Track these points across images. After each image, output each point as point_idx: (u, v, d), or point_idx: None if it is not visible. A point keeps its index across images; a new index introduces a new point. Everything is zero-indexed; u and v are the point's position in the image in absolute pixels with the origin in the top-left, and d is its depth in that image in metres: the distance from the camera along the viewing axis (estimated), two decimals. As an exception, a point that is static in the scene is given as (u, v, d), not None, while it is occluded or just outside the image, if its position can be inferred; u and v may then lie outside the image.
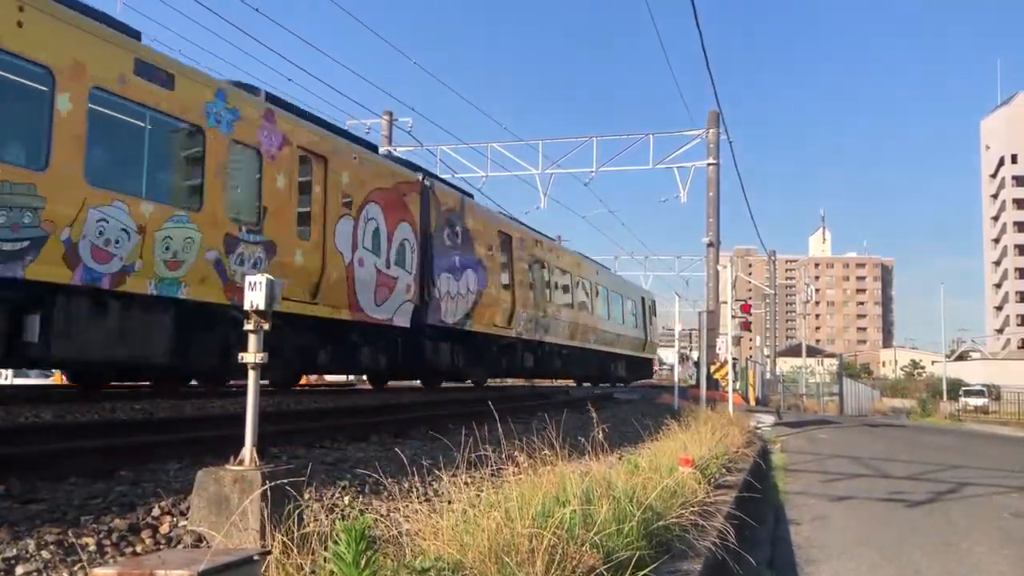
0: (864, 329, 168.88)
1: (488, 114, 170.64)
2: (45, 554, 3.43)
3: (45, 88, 8.55)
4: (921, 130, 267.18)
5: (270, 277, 3.98)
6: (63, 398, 10.55)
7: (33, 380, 23.77)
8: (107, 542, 3.71)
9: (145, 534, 3.90)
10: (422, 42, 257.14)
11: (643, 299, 37.38)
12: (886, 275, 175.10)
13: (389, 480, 4.77)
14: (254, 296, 3.89)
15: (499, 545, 3.36)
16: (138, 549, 3.70)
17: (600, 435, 6.02)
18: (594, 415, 6.42)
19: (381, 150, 27.42)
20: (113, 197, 9.18)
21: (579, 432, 6.69)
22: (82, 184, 8.80)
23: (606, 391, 27.74)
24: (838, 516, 7.94)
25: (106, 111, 9.30)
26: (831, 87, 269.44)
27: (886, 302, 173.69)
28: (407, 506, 4.11)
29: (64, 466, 5.24)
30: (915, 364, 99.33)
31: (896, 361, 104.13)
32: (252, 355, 3.90)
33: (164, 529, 4.00)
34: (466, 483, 4.40)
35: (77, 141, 8.77)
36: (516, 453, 4.88)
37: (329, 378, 25.68)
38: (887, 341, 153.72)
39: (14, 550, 3.42)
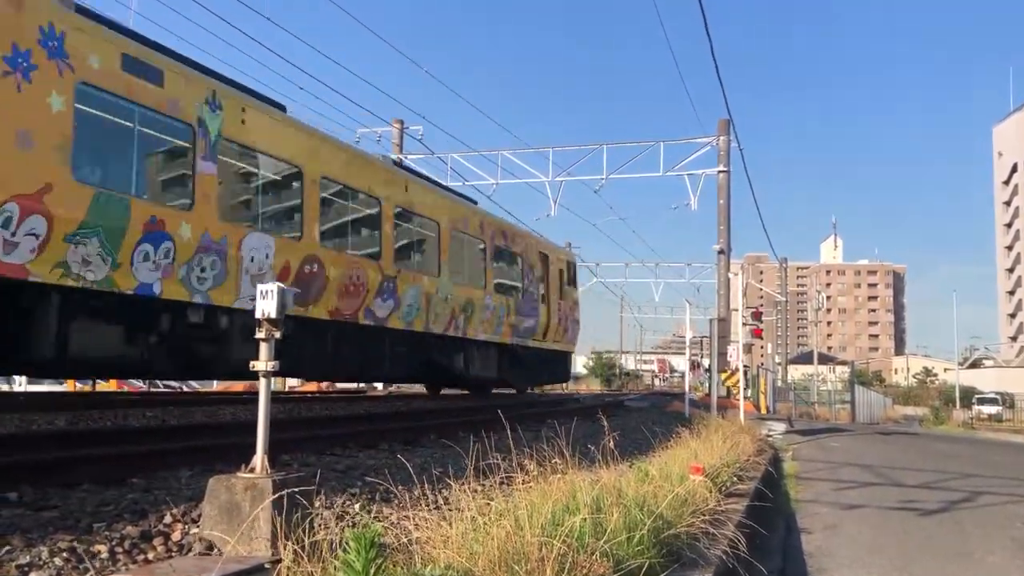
0: (876, 336, 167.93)
1: (497, 120, 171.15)
2: (58, 561, 3.45)
3: None
4: (932, 134, 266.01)
5: (282, 285, 3.94)
6: (76, 405, 10.62)
7: (47, 387, 23.92)
8: (119, 549, 3.73)
9: (157, 541, 3.91)
10: (422, 41, 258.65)
11: (545, 256, 22.21)
12: (898, 282, 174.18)
13: (399, 488, 4.78)
14: (265, 305, 3.89)
15: (509, 553, 3.36)
16: (150, 556, 3.72)
17: (611, 443, 6.01)
18: (605, 423, 6.42)
19: (392, 158, 27.40)
20: None
21: (589, 440, 6.70)
22: None
23: (617, 398, 27.71)
24: (850, 525, 7.89)
25: None
26: (839, 92, 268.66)
27: (898, 309, 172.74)
28: (417, 514, 4.12)
29: (76, 473, 5.27)
30: (928, 372, 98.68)
31: (908, 369, 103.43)
32: (263, 363, 3.91)
33: (176, 536, 4.01)
34: (476, 491, 4.40)
35: None
36: (526, 461, 4.89)
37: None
38: (899, 349, 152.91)
39: (27, 557, 3.44)
